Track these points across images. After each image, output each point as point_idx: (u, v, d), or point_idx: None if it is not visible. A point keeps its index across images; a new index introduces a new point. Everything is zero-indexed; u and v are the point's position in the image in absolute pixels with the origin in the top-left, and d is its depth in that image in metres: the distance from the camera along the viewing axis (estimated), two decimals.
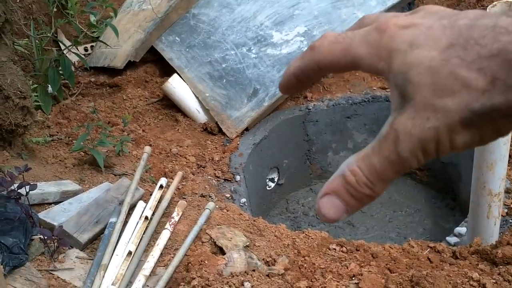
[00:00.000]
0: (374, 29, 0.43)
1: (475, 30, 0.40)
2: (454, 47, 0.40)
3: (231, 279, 2.13)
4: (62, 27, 4.27)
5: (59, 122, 3.43)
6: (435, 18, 0.42)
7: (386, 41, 0.42)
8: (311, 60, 0.47)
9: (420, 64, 0.40)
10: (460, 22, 0.41)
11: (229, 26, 4.08)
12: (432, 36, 0.41)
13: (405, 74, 0.41)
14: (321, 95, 4.10)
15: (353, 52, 0.44)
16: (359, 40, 0.44)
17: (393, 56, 0.42)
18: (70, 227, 2.42)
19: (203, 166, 3.43)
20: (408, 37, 0.41)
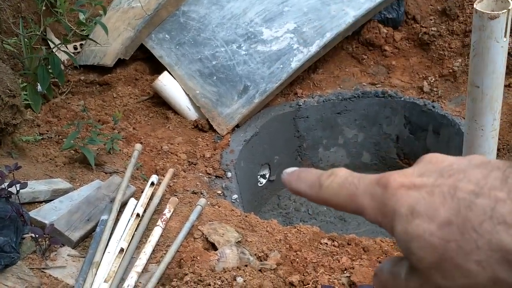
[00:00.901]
0: (377, 183, 0.44)
1: (473, 212, 0.38)
2: (452, 226, 0.39)
3: (223, 274, 2.14)
4: (51, 26, 4.26)
5: (49, 121, 3.42)
6: (435, 177, 0.41)
7: (388, 199, 0.42)
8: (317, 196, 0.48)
9: (420, 237, 0.40)
10: (459, 194, 0.39)
11: (219, 23, 4.09)
12: (431, 206, 0.40)
13: (408, 244, 0.40)
14: (311, 91, 4.11)
15: (358, 202, 0.44)
16: (363, 190, 0.44)
17: (395, 219, 0.41)
18: (62, 225, 2.42)
19: (194, 163, 3.43)
20: (409, 201, 0.41)
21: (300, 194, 0.50)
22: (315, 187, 0.48)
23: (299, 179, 0.50)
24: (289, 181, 0.51)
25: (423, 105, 3.94)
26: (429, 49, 4.13)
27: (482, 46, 2.09)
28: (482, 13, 2.05)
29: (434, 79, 4.01)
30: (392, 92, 4.04)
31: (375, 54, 4.26)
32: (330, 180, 0.47)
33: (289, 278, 2.18)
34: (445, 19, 4.12)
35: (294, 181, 0.51)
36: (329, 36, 3.90)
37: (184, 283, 2.11)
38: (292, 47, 3.90)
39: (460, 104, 3.82)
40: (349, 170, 0.47)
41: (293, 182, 0.51)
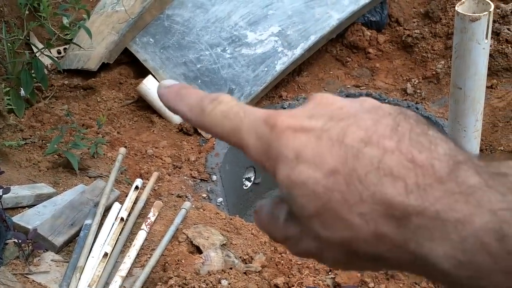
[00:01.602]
0: (264, 121, 0.40)
1: (360, 162, 0.36)
2: (338, 175, 0.36)
3: (208, 277, 2.14)
4: (35, 30, 4.23)
5: (32, 125, 3.40)
6: (324, 121, 0.38)
7: (273, 140, 0.39)
8: (197, 121, 0.44)
9: (303, 185, 0.37)
10: (348, 140, 0.37)
11: (203, 27, 4.09)
12: (318, 152, 0.37)
13: (289, 190, 0.38)
14: (296, 93, 4.12)
15: (241, 137, 0.41)
16: (248, 125, 0.40)
17: (279, 162, 0.38)
18: (45, 230, 2.40)
19: (179, 167, 3.43)
20: (295, 144, 0.38)
21: (178, 114, 0.45)
22: (196, 110, 0.44)
23: (179, 97, 0.45)
24: (168, 98, 0.46)
25: (406, 106, 3.96)
26: (412, 51, 4.16)
27: (464, 48, 2.11)
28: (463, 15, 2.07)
29: (417, 81, 4.04)
30: (376, 94, 4.06)
31: (359, 56, 4.28)
32: (213, 105, 0.43)
33: (274, 280, 2.18)
34: (428, 22, 4.15)
35: (172, 98, 0.46)
36: (313, 39, 3.91)
37: (168, 287, 2.11)
38: (276, 50, 3.91)
39: (443, 106, 3.85)
40: (235, 98, 0.43)
41: (172, 99, 0.46)
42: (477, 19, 2.04)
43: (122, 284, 2.22)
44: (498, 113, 3.67)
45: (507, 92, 3.77)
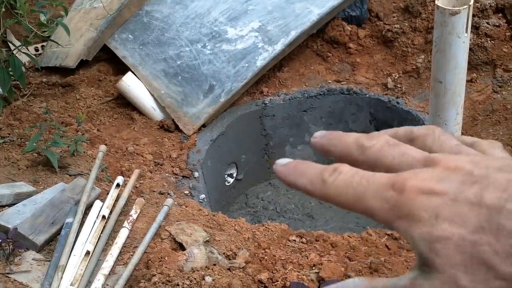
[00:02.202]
0: (390, 186, 0.42)
1: (507, 218, 0.38)
2: (484, 231, 0.38)
3: (192, 274, 2.12)
4: (12, 27, 4.17)
5: (10, 124, 3.35)
6: (457, 184, 0.40)
7: (404, 202, 0.41)
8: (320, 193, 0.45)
9: (448, 240, 0.39)
10: (486, 199, 0.39)
11: (183, 23, 4.06)
12: (459, 213, 0.39)
13: (431, 245, 0.39)
14: (277, 89, 4.12)
15: (366, 203, 0.43)
16: (373, 192, 0.42)
17: (414, 221, 0.40)
18: (25, 229, 2.37)
19: (160, 164, 3.41)
20: (431, 206, 0.40)
21: (298, 188, 0.47)
22: (317, 183, 0.45)
23: (297, 172, 0.47)
24: (285, 173, 0.48)
25: (387, 101, 3.98)
26: (392, 46, 4.18)
27: (444, 42, 2.12)
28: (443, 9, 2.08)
29: (398, 76, 4.06)
30: (357, 89, 4.07)
31: (340, 51, 4.29)
32: (334, 177, 0.45)
33: (258, 276, 2.17)
34: (408, 16, 4.17)
35: (291, 174, 0.48)
36: (293, 35, 3.91)
37: (152, 284, 2.09)
38: (257, 46, 3.90)
39: (423, 100, 3.87)
40: (353, 167, 0.45)
41: (291, 175, 0.48)
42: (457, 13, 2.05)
43: (105, 282, 2.20)
44: (478, 106, 3.71)
45: (486, 86, 3.81)
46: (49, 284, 2.16)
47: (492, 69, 3.88)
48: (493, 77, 3.85)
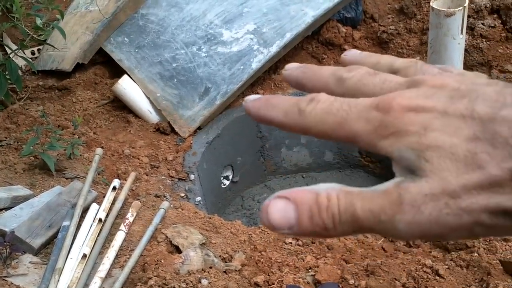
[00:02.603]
0: (374, 107, 0.40)
1: (501, 125, 0.37)
2: (480, 140, 0.37)
3: (188, 277, 2.13)
4: (8, 31, 4.18)
5: (7, 127, 3.36)
6: (445, 99, 0.39)
7: (391, 121, 0.39)
8: (296, 124, 0.43)
9: (440, 148, 0.37)
10: (478, 110, 0.38)
11: (178, 26, 4.07)
12: (450, 125, 0.38)
13: (421, 152, 0.38)
14: (273, 91, 4.13)
15: (349, 128, 0.40)
16: (356, 115, 0.40)
17: (401, 135, 0.39)
18: (22, 232, 2.38)
19: (156, 167, 3.41)
20: (419, 121, 0.38)
21: (271, 122, 0.44)
22: (292, 113, 0.43)
23: (269, 105, 0.45)
24: (256, 107, 0.45)
25: None
26: (387, 47, 4.20)
27: (440, 43, 2.14)
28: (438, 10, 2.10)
29: None
30: None
31: (335, 53, 4.30)
32: (312, 105, 0.42)
33: (254, 279, 2.18)
34: (403, 18, 4.19)
35: (263, 108, 0.45)
36: (289, 37, 3.92)
37: (148, 287, 2.10)
38: (252, 48, 3.91)
39: None
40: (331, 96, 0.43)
41: (262, 109, 0.45)
42: (452, 14, 2.07)
43: (101, 285, 2.21)
44: None
45: None
46: (46, 287, 2.17)
47: (487, 70, 3.90)
48: None
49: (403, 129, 0.38)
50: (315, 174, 4.40)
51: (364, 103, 0.41)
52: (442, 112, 0.38)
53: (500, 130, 0.37)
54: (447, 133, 0.37)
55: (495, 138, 0.37)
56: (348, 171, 4.36)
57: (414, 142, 0.38)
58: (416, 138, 0.38)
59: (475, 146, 0.37)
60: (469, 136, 0.37)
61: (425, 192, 0.37)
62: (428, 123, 0.38)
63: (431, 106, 0.39)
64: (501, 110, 0.37)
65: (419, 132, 0.38)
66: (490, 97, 0.38)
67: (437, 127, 0.38)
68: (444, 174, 0.37)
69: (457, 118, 0.38)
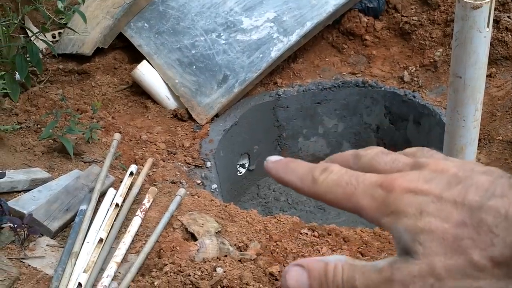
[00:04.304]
0: (379, 186, 0.44)
1: (487, 214, 0.40)
2: (466, 226, 0.40)
3: (203, 264, 2.14)
4: (29, 14, 4.19)
5: (27, 110, 3.38)
6: (443, 184, 0.43)
7: (392, 201, 0.43)
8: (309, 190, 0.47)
9: (432, 232, 0.41)
10: (469, 197, 0.41)
11: (198, 12, 4.06)
12: (443, 210, 0.41)
13: (415, 236, 0.41)
14: (291, 80, 4.11)
15: (355, 201, 0.45)
16: (363, 190, 0.45)
17: (400, 216, 0.42)
18: (40, 215, 2.40)
19: (173, 153, 3.42)
20: (416, 203, 0.42)
21: (289, 185, 0.49)
22: (307, 180, 0.48)
23: (288, 169, 0.49)
24: (277, 170, 0.50)
25: (403, 95, 3.95)
26: (410, 38, 4.15)
27: (465, 36, 2.09)
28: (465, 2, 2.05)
29: (414, 69, 4.03)
30: (372, 82, 4.05)
31: (356, 43, 4.27)
32: (325, 176, 0.47)
33: (269, 269, 2.18)
34: (426, 9, 4.14)
35: (282, 171, 0.50)
36: (309, 25, 3.89)
37: (163, 274, 2.11)
38: (272, 36, 3.89)
39: (440, 94, 3.85)
40: (343, 167, 0.47)
41: (281, 172, 0.50)
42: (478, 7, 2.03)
43: (117, 270, 2.22)
44: (497, 102, 3.67)
45: (506, 81, 3.76)
46: (62, 270, 2.18)
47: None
48: None
49: (401, 210, 0.42)
50: None
51: (371, 180, 0.45)
52: (438, 196, 0.42)
53: (485, 218, 0.40)
54: (440, 218, 0.41)
55: (481, 225, 0.40)
56: None
57: (410, 225, 0.42)
58: (412, 221, 0.42)
59: (462, 232, 0.40)
60: (458, 222, 0.41)
61: (414, 274, 0.41)
62: (424, 206, 0.42)
63: (429, 189, 0.43)
64: (490, 199, 0.41)
65: (415, 215, 0.42)
66: (483, 185, 0.42)
67: (432, 211, 0.41)
68: (433, 258, 0.41)
69: (450, 204, 0.41)
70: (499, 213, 0.40)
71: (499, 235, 0.39)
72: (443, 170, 0.44)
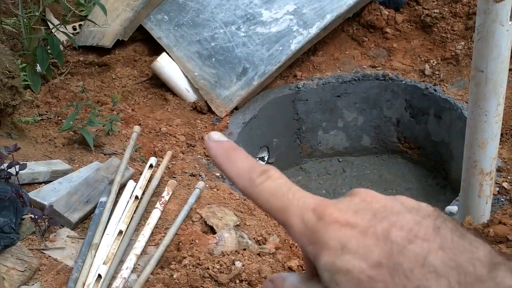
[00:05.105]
0: (312, 210, 0.43)
1: (405, 258, 0.39)
2: (382, 268, 0.39)
3: (222, 258, 2.14)
4: (50, 6, 4.22)
5: (48, 102, 3.40)
6: (369, 218, 0.42)
7: (319, 229, 0.42)
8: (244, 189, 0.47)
9: (349, 273, 0.40)
10: (393, 235, 0.40)
11: (218, 4, 4.05)
12: (364, 246, 0.40)
13: (333, 275, 0.41)
14: (311, 73, 4.09)
15: (287, 217, 0.44)
16: (296, 209, 0.44)
17: (323, 249, 0.42)
18: (61, 206, 2.41)
19: (192, 145, 3.42)
20: (341, 237, 0.41)
21: (225, 174, 0.48)
22: (244, 179, 0.47)
23: (228, 158, 0.48)
24: (216, 153, 0.49)
25: (424, 88, 3.92)
26: (431, 31, 4.10)
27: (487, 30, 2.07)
28: None
29: (436, 62, 3.99)
30: (393, 75, 4.02)
31: (376, 36, 4.23)
32: (262, 180, 0.46)
33: (288, 263, 2.18)
34: (448, 1, 4.09)
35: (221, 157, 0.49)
36: (329, 18, 3.87)
37: (182, 266, 2.11)
38: (291, 29, 3.87)
39: (462, 88, 3.80)
40: (283, 175, 0.46)
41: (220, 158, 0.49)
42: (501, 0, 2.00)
43: (136, 262, 2.23)
44: None
45: None
46: (83, 262, 2.20)
47: None
48: None
49: (325, 242, 0.42)
50: (352, 158, 4.36)
51: (306, 200, 0.44)
52: (362, 231, 0.41)
53: (402, 262, 0.39)
54: (359, 256, 0.40)
55: (396, 268, 0.39)
56: (386, 156, 4.31)
57: (330, 262, 0.41)
58: (332, 257, 0.41)
59: (377, 274, 0.39)
60: (374, 261, 0.40)
61: None
62: (346, 241, 0.41)
63: (355, 222, 0.42)
64: (411, 242, 0.39)
65: (336, 250, 0.41)
66: (408, 225, 0.41)
67: (353, 248, 0.40)
68: None
69: (372, 240, 0.40)
70: (416, 259, 0.39)
71: (413, 282, 0.38)
72: (373, 200, 0.44)
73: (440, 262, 0.38)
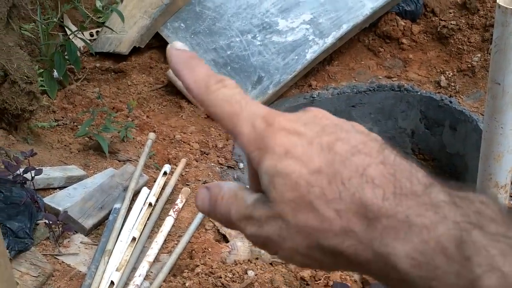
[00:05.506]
0: (262, 117, 0.44)
1: (346, 167, 0.40)
2: (321, 174, 0.40)
3: (234, 267, 2.14)
4: (68, 12, 4.25)
5: (64, 107, 3.43)
6: (317, 130, 0.43)
7: (267, 135, 0.43)
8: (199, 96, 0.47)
9: (287, 176, 0.41)
10: (337, 147, 0.41)
11: (234, 13, 4.07)
12: (307, 153, 0.41)
13: (272, 178, 0.42)
14: (326, 83, 4.08)
15: (236, 123, 0.45)
16: (247, 115, 0.44)
17: (267, 154, 0.42)
18: (75, 212, 2.43)
19: (206, 153, 3.43)
20: (286, 143, 0.42)
21: (181, 80, 0.48)
22: (200, 85, 0.47)
23: (188, 65, 0.48)
24: (177, 61, 0.49)
25: (439, 100, 3.90)
26: (447, 43, 4.09)
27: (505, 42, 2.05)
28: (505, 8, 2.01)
29: (452, 74, 3.97)
30: (408, 86, 4.00)
31: (392, 47, 4.22)
32: (218, 87, 0.46)
33: (300, 273, 2.17)
34: (465, 13, 4.07)
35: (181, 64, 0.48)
36: (345, 28, 3.87)
37: (195, 275, 2.11)
38: (307, 39, 3.87)
39: (478, 100, 3.78)
40: (239, 86, 0.47)
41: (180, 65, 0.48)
42: None
43: (149, 269, 2.24)
44: None
45: None
46: (96, 268, 2.21)
47: None
48: None
49: (271, 147, 0.42)
50: None
51: (257, 109, 0.45)
52: (308, 140, 0.42)
53: (342, 171, 0.40)
54: (301, 162, 0.41)
55: (335, 176, 0.40)
56: None
57: (271, 165, 0.42)
58: (274, 161, 0.42)
59: (315, 179, 0.40)
60: (315, 168, 0.41)
61: (268, 215, 0.42)
62: (291, 147, 0.42)
63: (303, 132, 0.43)
64: (354, 155, 0.41)
65: (280, 155, 0.42)
66: (354, 142, 0.42)
67: (296, 153, 0.41)
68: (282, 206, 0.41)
69: (316, 149, 0.42)
70: (356, 169, 0.40)
71: (349, 190, 0.40)
72: (324, 117, 0.45)
73: (378, 174, 0.40)
